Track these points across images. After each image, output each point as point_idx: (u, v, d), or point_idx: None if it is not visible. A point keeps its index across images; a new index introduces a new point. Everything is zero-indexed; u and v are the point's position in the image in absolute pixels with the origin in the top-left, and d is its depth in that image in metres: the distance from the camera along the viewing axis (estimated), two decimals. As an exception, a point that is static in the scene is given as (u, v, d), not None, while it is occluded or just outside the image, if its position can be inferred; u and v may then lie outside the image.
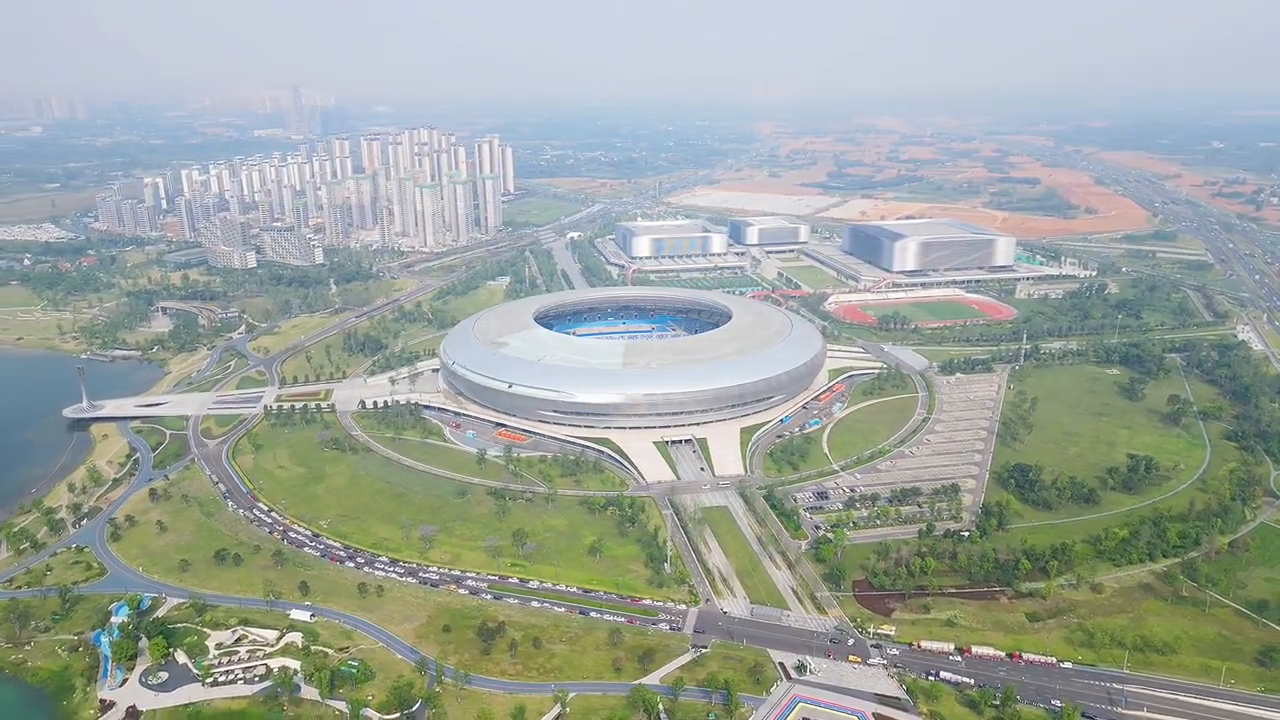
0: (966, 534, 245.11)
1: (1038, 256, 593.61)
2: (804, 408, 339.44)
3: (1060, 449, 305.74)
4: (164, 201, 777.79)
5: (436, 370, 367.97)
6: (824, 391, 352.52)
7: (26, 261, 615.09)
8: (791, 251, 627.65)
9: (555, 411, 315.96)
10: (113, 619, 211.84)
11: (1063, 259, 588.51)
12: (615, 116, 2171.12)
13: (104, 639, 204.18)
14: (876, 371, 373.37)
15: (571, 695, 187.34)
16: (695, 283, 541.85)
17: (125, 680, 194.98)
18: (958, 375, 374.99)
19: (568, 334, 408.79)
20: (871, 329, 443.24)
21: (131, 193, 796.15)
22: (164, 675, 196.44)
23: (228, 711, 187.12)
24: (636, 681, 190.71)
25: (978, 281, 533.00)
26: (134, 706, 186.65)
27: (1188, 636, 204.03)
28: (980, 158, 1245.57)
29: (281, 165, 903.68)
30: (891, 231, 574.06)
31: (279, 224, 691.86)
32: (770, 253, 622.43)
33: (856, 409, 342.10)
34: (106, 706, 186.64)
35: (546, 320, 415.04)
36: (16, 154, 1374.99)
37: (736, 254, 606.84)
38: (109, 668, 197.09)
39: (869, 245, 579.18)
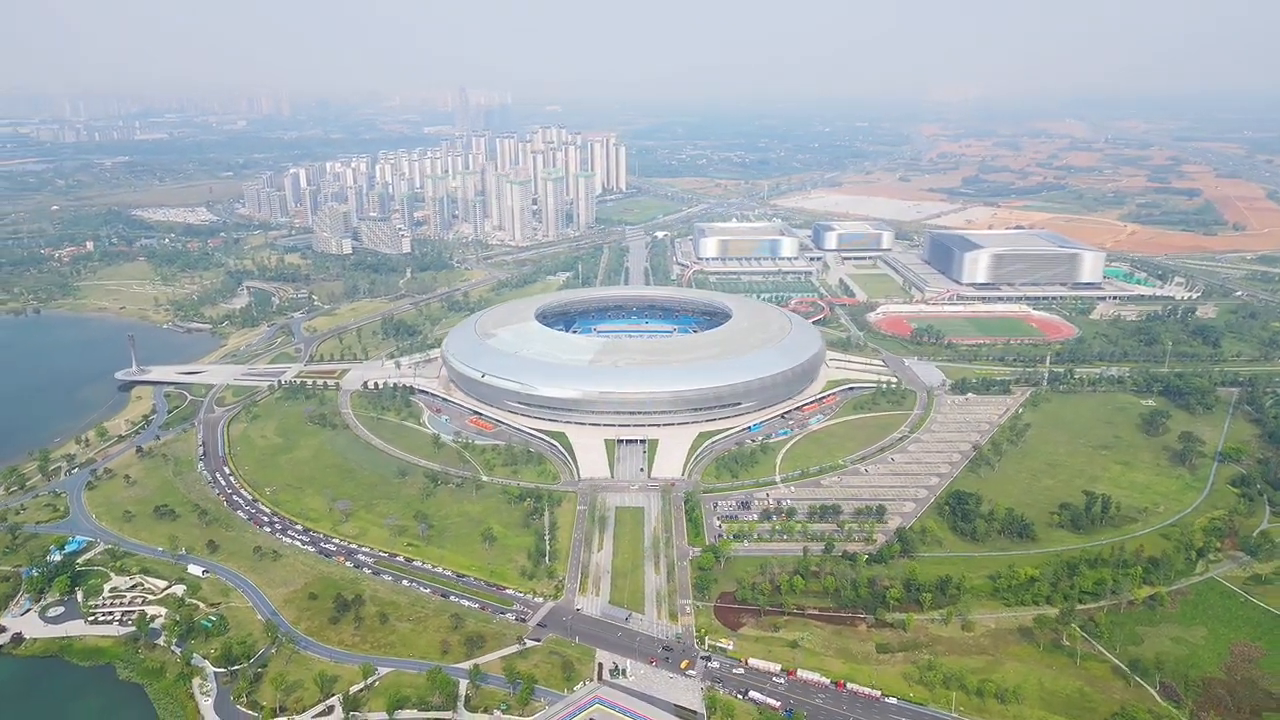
0: (853, 557, 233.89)
1: (1137, 274, 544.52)
2: (782, 416, 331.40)
3: (1032, 480, 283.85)
4: (303, 191, 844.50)
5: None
6: (811, 402, 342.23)
7: (167, 240, 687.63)
8: (870, 258, 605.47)
9: (520, 403, 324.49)
10: (49, 557, 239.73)
11: (1170, 278, 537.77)
12: (773, 117, 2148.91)
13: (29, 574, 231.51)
14: (879, 385, 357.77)
15: (387, 671, 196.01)
16: (753, 285, 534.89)
17: (28, 611, 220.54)
18: (968, 395, 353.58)
19: (589, 331, 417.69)
20: (905, 342, 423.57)
21: (277, 183, 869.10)
22: (60, 610, 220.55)
23: (95, 648, 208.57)
24: (452, 664, 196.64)
25: (1053, 299, 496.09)
26: (20, 633, 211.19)
27: (1042, 688, 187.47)
28: (1148, 166, 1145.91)
29: (415, 160, 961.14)
30: (966, 241, 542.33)
31: (375, 215, 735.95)
32: (847, 258, 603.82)
33: (837, 422, 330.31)
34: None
35: (569, 317, 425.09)
36: (214, 145, 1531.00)
37: (809, 259, 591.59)
38: (19, 598, 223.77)
39: (944, 255, 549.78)
